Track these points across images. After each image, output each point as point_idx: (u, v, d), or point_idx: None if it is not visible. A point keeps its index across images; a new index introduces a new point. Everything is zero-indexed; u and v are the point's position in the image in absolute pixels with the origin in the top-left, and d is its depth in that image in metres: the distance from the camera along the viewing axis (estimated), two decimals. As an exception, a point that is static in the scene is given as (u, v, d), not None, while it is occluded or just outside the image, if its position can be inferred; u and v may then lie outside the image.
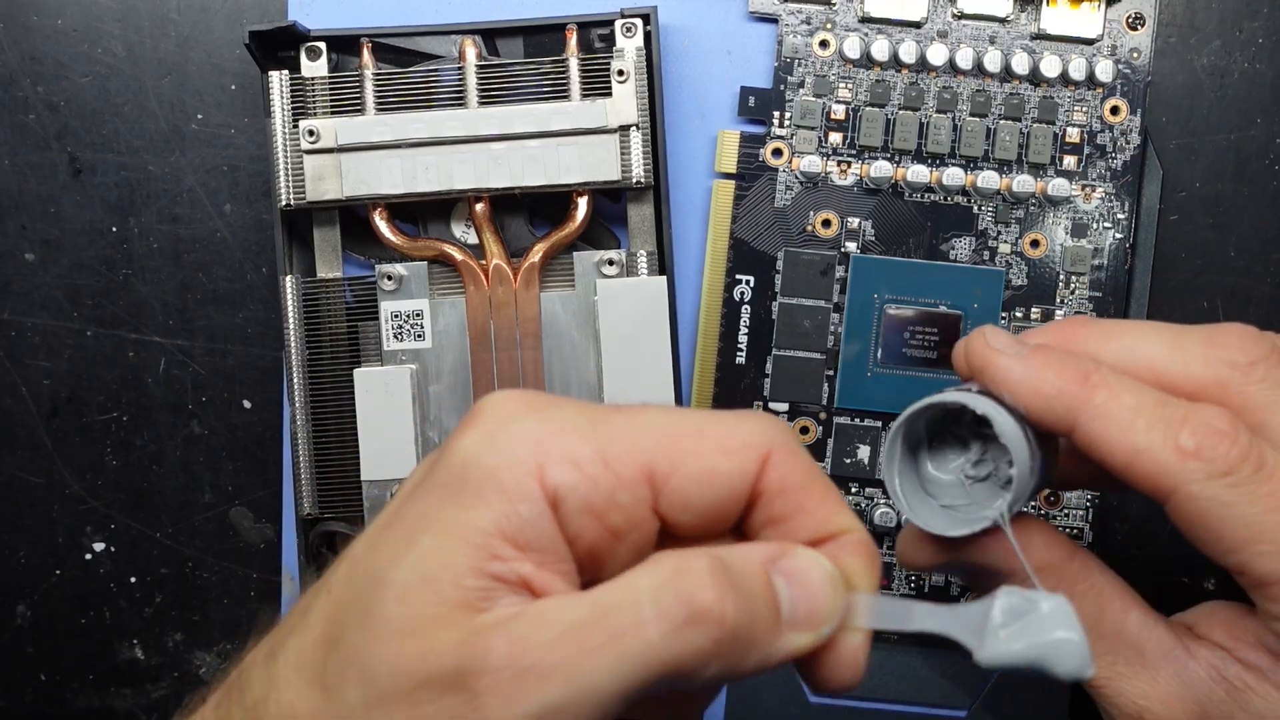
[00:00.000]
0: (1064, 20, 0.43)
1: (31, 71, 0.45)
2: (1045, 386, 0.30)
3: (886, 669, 0.45)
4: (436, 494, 0.26)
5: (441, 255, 0.43)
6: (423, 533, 0.26)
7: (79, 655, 0.47)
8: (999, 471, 0.31)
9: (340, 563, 0.27)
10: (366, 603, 0.25)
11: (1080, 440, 0.30)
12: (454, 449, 0.26)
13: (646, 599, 0.25)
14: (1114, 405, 0.30)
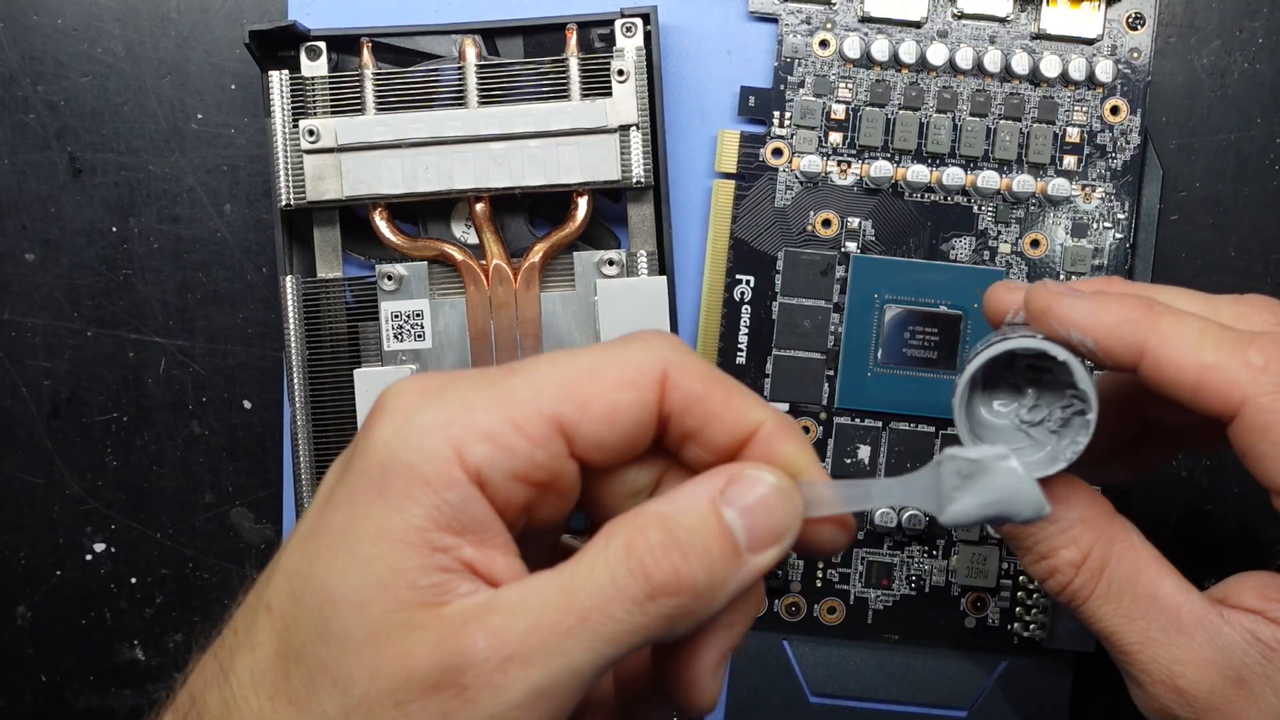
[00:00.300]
0: (1064, 20, 0.43)
1: (31, 71, 0.45)
2: (1110, 317, 0.30)
3: (886, 669, 0.45)
4: (361, 497, 0.26)
5: (442, 255, 0.43)
6: (360, 540, 0.26)
7: (79, 656, 0.47)
8: (1051, 416, 0.32)
9: (273, 577, 0.27)
10: (321, 618, 0.26)
11: (1148, 366, 0.30)
12: (366, 448, 0.26)
13: (606, 580, 0.25)
14: (1181, 328, 0.30)
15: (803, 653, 0.45)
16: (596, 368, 0.27)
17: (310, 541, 0.27)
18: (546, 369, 0.27)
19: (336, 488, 0.27)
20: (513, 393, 0.27)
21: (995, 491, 0.29)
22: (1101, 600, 0.33)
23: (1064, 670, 0.45)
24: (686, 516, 0.26)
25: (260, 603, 0.27)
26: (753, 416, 0.28)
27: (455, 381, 0.27)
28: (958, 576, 0.45)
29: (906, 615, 0.45)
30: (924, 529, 0.44)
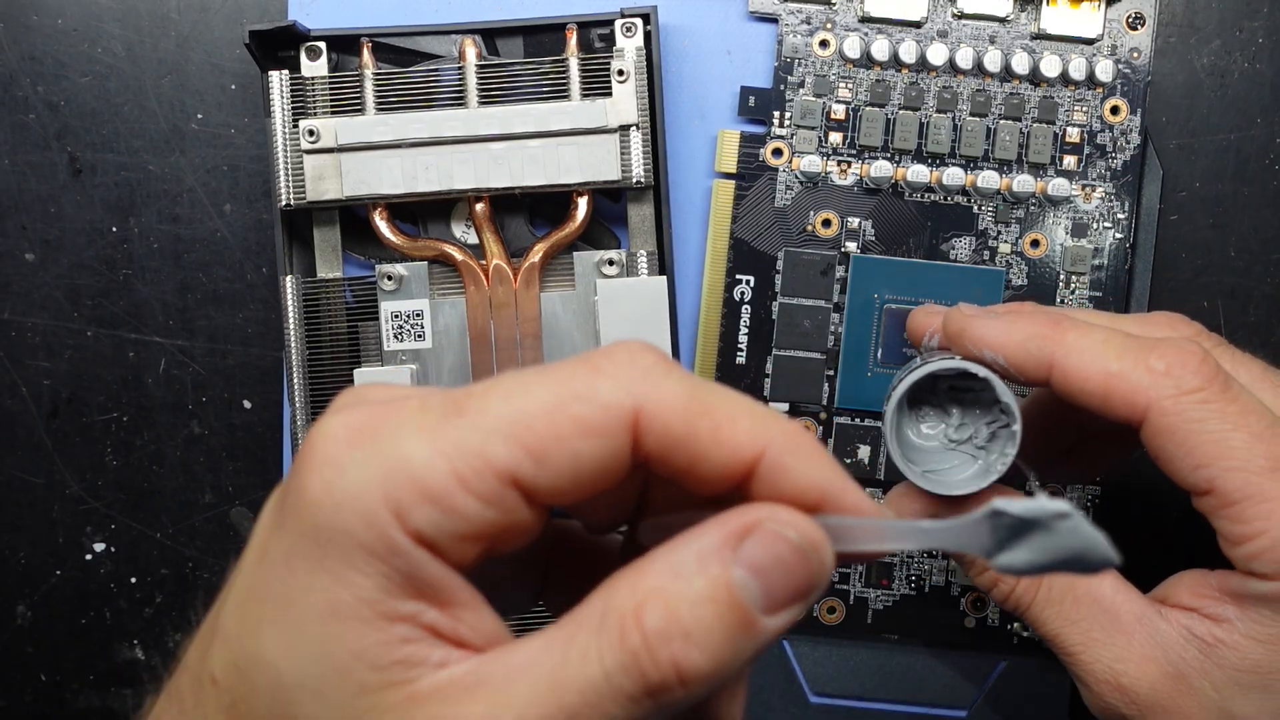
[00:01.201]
0: (1064, 20, 0.43)
1: (31, 71, 0.45)
2: (1019, 334, 0.32)
3: (887, 669, 0.45)
4: (300, 564, 0.23)
5: (442, 255, 0.43)
6: (306, 618, 0.23)
7: (79, 655, 0.47)
8: (978, 433, 0.34)
9: (213, 642, 0.24)
10: (276, 702, 0.23)
11: (1057, 378, 0.32)
12: (298, 505, 0.23)
13: (599, 675, 0.22)
14: (1086, 340, 0.32)
15: (803, 653, 0.45)
16: (556, 406, 0.23)
17: (250, 606, 0.24)
18: (498, 407, 0.23)
19: (271, 542, 0.24)
20: (458, 440, 0.23)
21: (1058, 551, 0.26)
22: (1044, 605, 0.34)
23: (1064, 670, 0.45)
24: (691, 588, 0.23)
25: (204, 671, 0.24)
26: (750, 446, 0.24)
27: (393, 422, 0.23)
28: (958, 576, 0.44)
29: (906, 615, 0.45)
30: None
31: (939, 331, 0.35)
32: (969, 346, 0.33)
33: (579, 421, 0.23)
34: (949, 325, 0.34)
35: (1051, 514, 0.25)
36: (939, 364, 0.33)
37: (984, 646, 0.45)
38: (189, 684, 0.25)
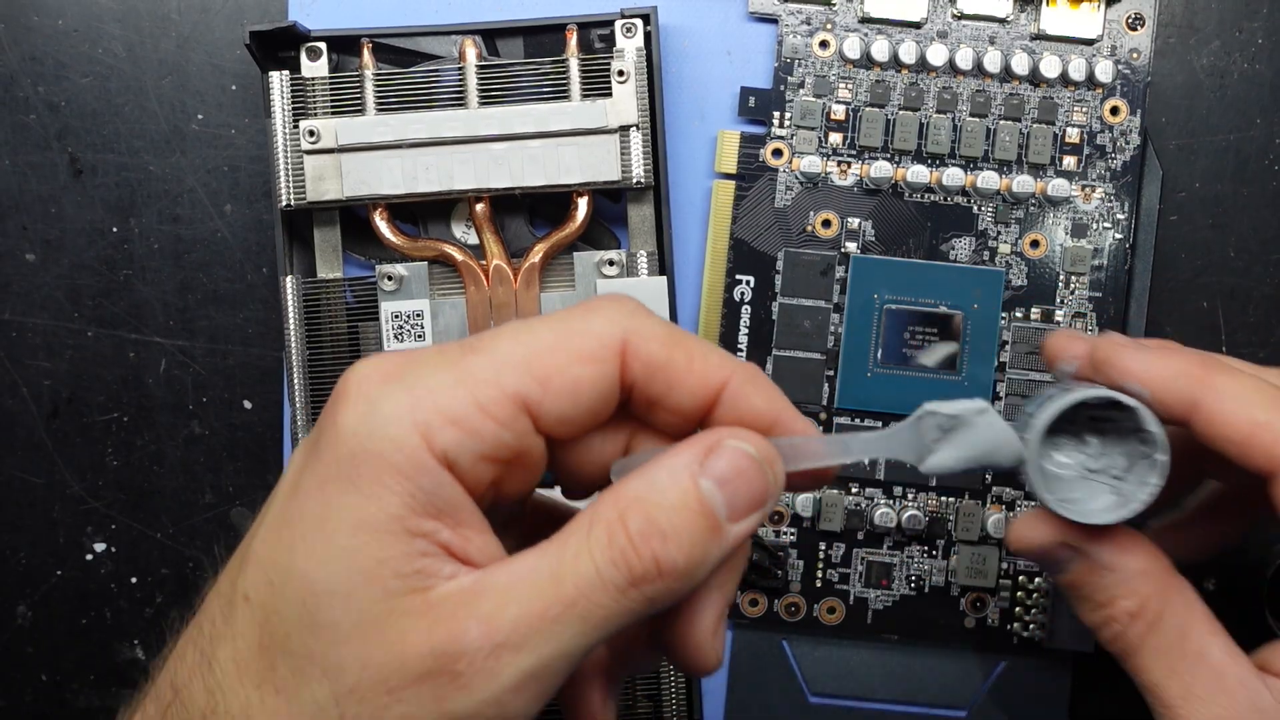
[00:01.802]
0: (1064, 21, 0.43)
1: (32, 72, 0.45)
2: (1167, 370, 0.32)
3: (886, 669, 0.45)
4: (334, 487, 0.26)
5: (442, 255, 0.43)
6: (337, 530, 0.26)
7: (79, 655, 0.47)
8: (1115, 464, 0.33)
9: (245, 565, 0.27)
10: (305, 609, 0.26)
11: (1200, 419, 0.31)
12: (333, 437, 0.26)
13: (591, 569, 0.26)
14: (1234, 386, 0.31)
15: (802, 652, 0.45)
16: (557, 342, 0.27)
17: (283, 530, 0.27)
18: (508, 345, 0.27)
19: (304, 474, 0.27)
20: (475, 373, 0.27)
21: (976, 443, 0.31)
22: (1152, 653, 0.33)
23: (1064, 670, 0.45)
24: (666, 497, 0.26)
25: (236, 592, 0.27)
26: (717, 375, 0.28)
27: (417, 363, 0.27)
28: (957, 576, 0.45)
29: (906, 615, 0.45)
30: (924, 529, 0.44)
31: (1077, 358, 0.35)
32: (1114, 376, 0.33)
33: (578, 350, 0.27)
34: (1097, 352, 0.33)
35: (974, 410, 0.30)
36: (1088, 393, 0.32)
37: (984, 646, 0.45)
38: (220, 607, 0.27)
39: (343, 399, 0.27)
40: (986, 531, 0.44)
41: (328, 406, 0.27)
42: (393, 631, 0.26)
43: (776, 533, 0.45)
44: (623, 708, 0.43)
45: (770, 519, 0.44)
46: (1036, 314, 0.44)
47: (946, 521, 0.44)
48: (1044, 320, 0.44)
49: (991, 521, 0.44)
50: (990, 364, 0.44)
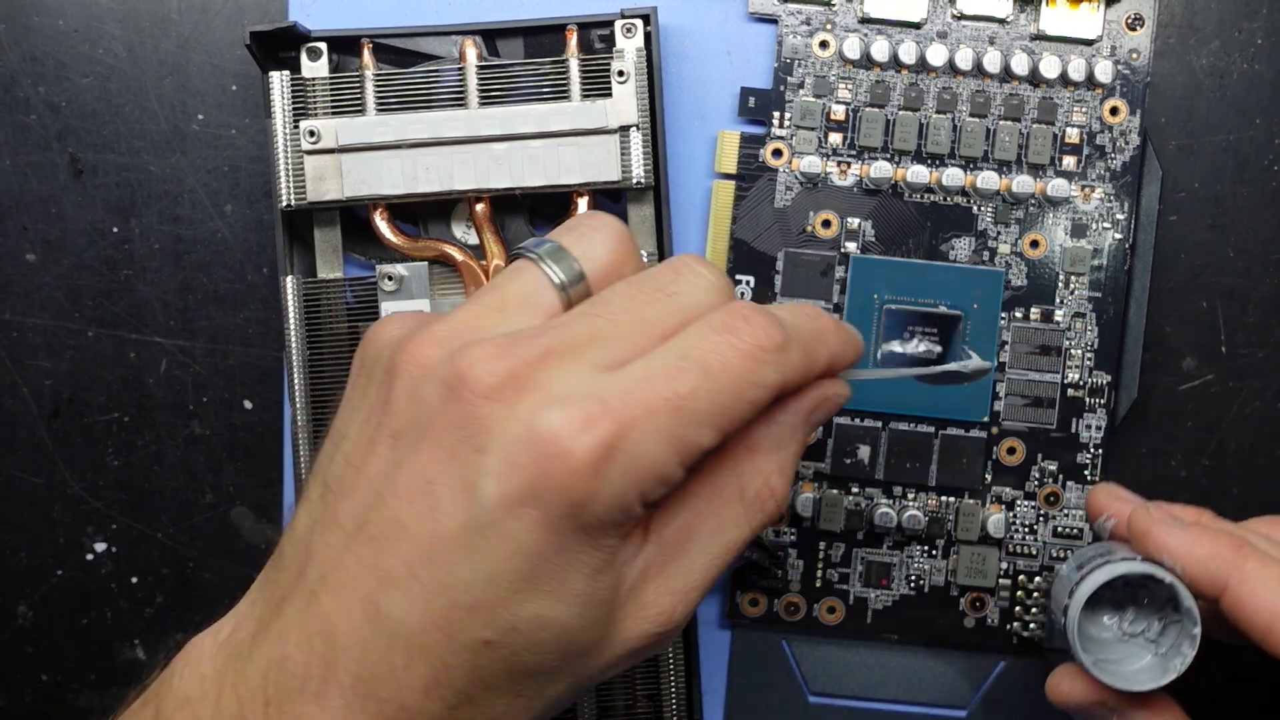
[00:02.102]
0: (1063, 21, 0.43)
1: (32, 72, 0.45)
2: (1201, 550, 0.34)
3: (886, 669, 0.45)
4: (572, 547, 0.29)
5: (442, 256, 0.43)
6: (577, 579, 0.30)
7: (80, 655, 0.47)
8: (1150, 628, 0.36)
9: (477, 618, 0.29)
10: (557, 645, 0.30)
11: (1228, 601, 0.33)
12: (577, 511, 0.29)
13: (747, 535, 0.32)
14: (1264, 573, 0.33)
15: (802, 652, 0.45)
16: (739, 396, 0.31)
17: (523, 585, 0.29)
18: (707, 404, 0.30)
19: (534, 541, 0.28)
20: (685, 439, 0.30)
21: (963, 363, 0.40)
22: None
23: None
24: (789, 457, 0.33)
25: (473, 639, 0.29)
26: None
27: (640, 441, 0.29)
28: (957, 576, 0.45)
29: (906, 615, 0.45)
30: (923, 529, 0.44)
31: (1115, 515, 0.38)
32: (1150, 549, 0.35)
33: (754, 405, 0.30)
34: (1135, 523, 0.36)
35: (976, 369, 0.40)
36: (1128, 567, 0.35)
37: (984, 646, 0.45)
38: (457, 648, 0.29)
39: (565, 478, 0.28)
40: (986, 531, 0.44)
41: (534, 478, 0.28)
42: (623, 627, 0.31)
43: (776, 533, 0.45)
44: (622, 707, 0.43)
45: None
46: (1036, 314, 0.44)
47: (946, 521, 0.44)
48: (1044, 320, 0.44)
49: (991, 521, 0.44)
50: (990, 364, 0.44)
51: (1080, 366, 0.44)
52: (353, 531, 0.30)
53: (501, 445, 0.28)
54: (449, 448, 0.29)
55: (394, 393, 0.30)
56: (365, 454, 0.31)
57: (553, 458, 0.28)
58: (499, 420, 0.29)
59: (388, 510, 0.29)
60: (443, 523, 0.29)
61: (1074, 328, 0.44)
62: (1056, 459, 0.44)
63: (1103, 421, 0.44)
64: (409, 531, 0.29)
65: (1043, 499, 0.44)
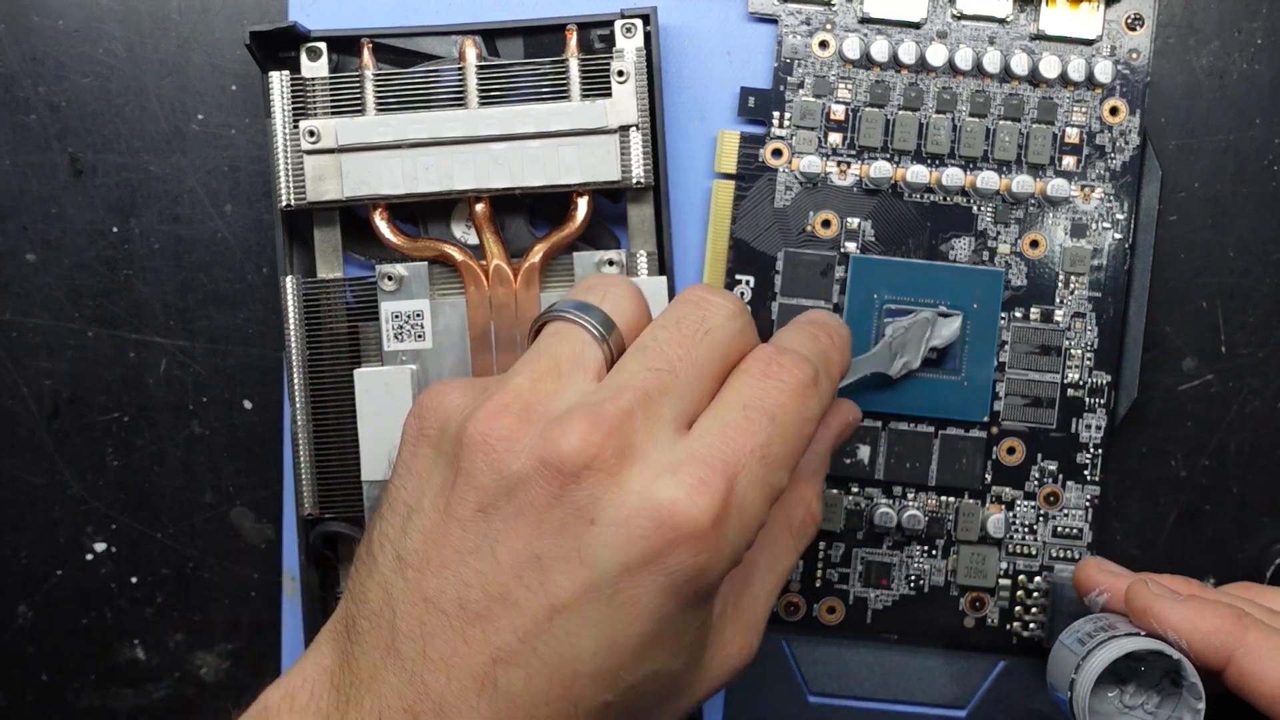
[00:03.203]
0: (1063, 21, 0.43)
1: (32, 72, 0.45)
2: (1205, 625, 0.35)
3: (886, 669, 0.45)
4: (676, 612, 0.30)
5: (442, 256, 0.43)
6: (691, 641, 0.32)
7: (80, 655, 0.47)
8: (1150, 700, 0.36)
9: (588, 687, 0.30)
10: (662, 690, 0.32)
11: (1233, 673, 0.34)
12: (689, 578, 0.30)
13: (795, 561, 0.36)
14: (1266, 644, 0.34)
15: (802, 652, 0.45)
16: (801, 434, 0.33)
17: (645, 646, 0.30)
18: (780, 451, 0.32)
19: (658, 605, 0.30)
20: (778, 483, 0.32)
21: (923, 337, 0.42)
22: None
23: (1063, 670, 0.45)
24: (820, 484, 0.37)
25: (596, 704, 0.30)
26: None
27: (744, 495, 0.31)
28: (957, 576, 0.45)
29: (906, 615, 0.45)
30: (923, 529, 0.44)
31: (1108, 590, 0.39)
32: (1153, 625, 0.36)
33: (809, 439, 0.33)
34: (1134, 600, 0.36)
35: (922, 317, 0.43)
36: (1136, 644, 0.35)
37: (984, 646, 0.45)
38: (576, 715, 0.30)
39: (690, 545, 0.29)
40: (986, 531, 0.44)
41: (658, 547, 0.29)
42: (714, 661, 0.33)
43: (776, 533, 0.45)
44: (623, 707, 0.43)
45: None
46: (1036, 314, 0.44)
47: (946, 521, 0.44)
48: (1043, 320, 0.44)
49: (991, 521, 0.44)
50: (990, 364, 0.44)
51: (1080, 366, 0.44)
52: (452, 610, 0.30)
53: (617, 517, 0.29)
54: (556, 522, 0.29)
55: (473, 466, 0.30)
56: (446, 528, 0.30)
57: (678, 525, 0.29)
58: (606, 491, 0.29)
59: (492, 587, 0.29)
60: (559, 595, 0.29)
61: (1074, 328, 0.44)
62: (1056, 459, 0.44)
63: (1103, 421, 0.44)
64: (520, 607, 0.29)
65: (1043, 499, 0.44)
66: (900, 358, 0.42)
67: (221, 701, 0.47)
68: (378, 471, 0.43)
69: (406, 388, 0.42)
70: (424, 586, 0.30)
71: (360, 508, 0.43)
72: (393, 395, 0.42)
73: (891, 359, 0.42)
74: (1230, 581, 0.42)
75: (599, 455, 0.29)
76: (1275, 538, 0.45)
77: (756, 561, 0.34)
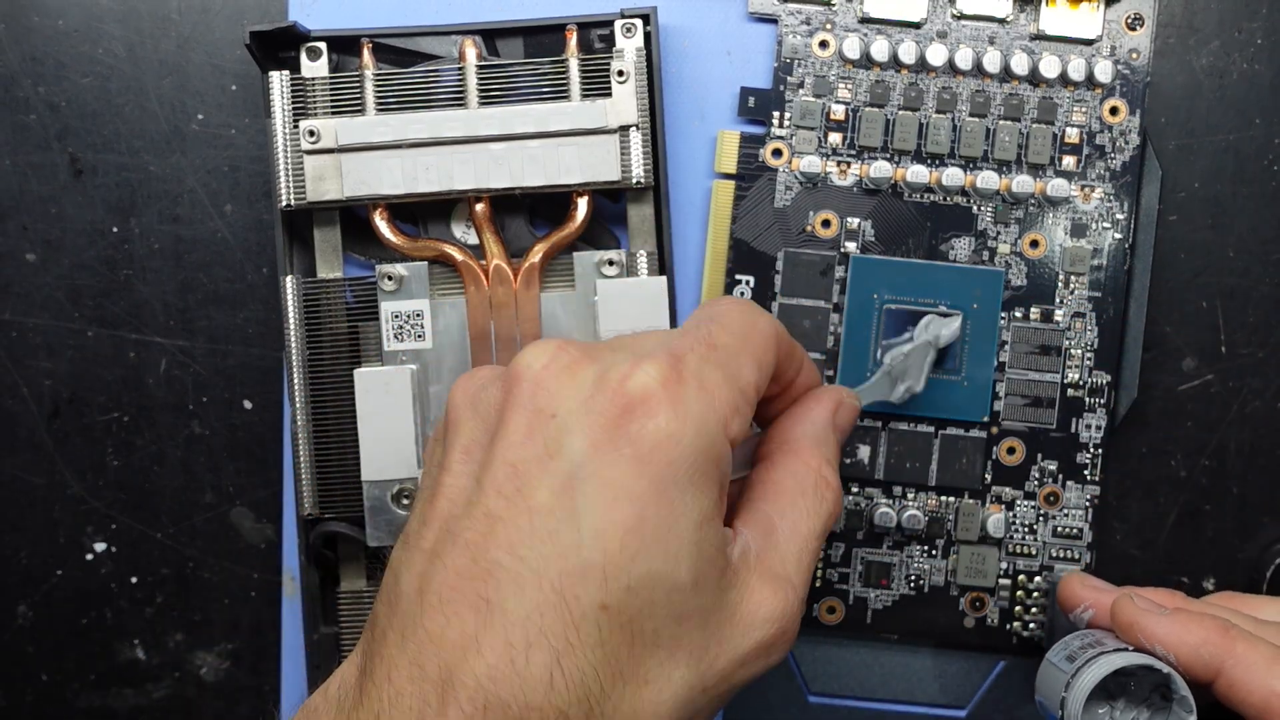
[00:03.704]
0: (1063, 21, 0.43)
1: (32, 72, 0.45)
2: (1192, 638, 0.35)
3: (886, 669, 0.45)
4: (674, 493, 0.30)
5: (442, 255, 0.43)
6: (685, 529, 0.30)
7: (80, 655, 0.47)
8: (1140, 715, 0.36)
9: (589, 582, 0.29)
10: (671, 605, 0.30)
11: (1222, 685, 0.34)
12: (655, 441, 0.30)
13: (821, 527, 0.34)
14: (1253, 655, 0.34)
15: (801, 652, 0.45)
16: (763, 337, 0.34)
17: (629, 540, 0.29)
18: (737, 340, 0.33)
19: (631, 482, 0.29)
20: (737, 369, 0.32)
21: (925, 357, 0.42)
22: None
23: (1063, 670, 0.45)
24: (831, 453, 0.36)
25: (589, 607, 0.29)
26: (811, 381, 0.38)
27: (699, 370, 0.31)
28: (957, 576, 0.45)
29: (905, 615, 0.45)
30: (923, 529, 0.44)
31: (1092, 605, 0.39)
32: (1141, 640, 0.36)
33: (770, 342, 0.34)
34: (1121, 615, 0.36)
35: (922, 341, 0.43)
36: (1126, 660, 0.35)
37: (984, 646, 0.45)
38: (581, 626, 0.29)
39: (645, 407, 0.30)
40: (986, 531, 0.44)
41: (615, 418, 0.30)
42: (743, 608, 0.31)
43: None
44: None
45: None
46: (1036, 314, 0.44)
47: (946, 521, 0.44)
48: (1043, 320, 0.44)
49: (991, 521, 0.44)
50: (990, 364, 0.44)
51: (1080, 366, 0.44)
52: (446, 552, 0.30)
53: (574, 404, 0.30)
54: (524, 428, 0.30)
55: (458, 418, 0.32)
56: (440, 484, 0.32)
57: (629, 393, 0.30)
58: (563, 386, 0.30)
59: (478, 511, 0.30)
60: (537, 495, 0.29)
61: (1074, 327, 0.44)
62: (1056, 459, 0.44)
63: (1103, 421, 0.44)
64: (504, 520, 0.29)
65: (1043, 499, 0.44)
66: (902, 383, 0.42)
67: (221, 701, 0.47)
68: (377, 471, 0.43)
69: (406, 388, 0.42)
70: (422, 545, 0.31)
71: (360, 508, 0.43)
72: (393, 395, 0.42)
73: (892, 386, 0.42)
74: (1231, 581, 0.42)
75: (555, 359, 0.31)
76: (1275, 538, 0.45)
77: (775, 521, 0.34)
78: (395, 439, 0.42)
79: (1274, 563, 0.45)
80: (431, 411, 0.43)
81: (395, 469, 0.43)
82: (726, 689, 0.31)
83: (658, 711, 0.30)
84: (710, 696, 0.31)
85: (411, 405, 0.42)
